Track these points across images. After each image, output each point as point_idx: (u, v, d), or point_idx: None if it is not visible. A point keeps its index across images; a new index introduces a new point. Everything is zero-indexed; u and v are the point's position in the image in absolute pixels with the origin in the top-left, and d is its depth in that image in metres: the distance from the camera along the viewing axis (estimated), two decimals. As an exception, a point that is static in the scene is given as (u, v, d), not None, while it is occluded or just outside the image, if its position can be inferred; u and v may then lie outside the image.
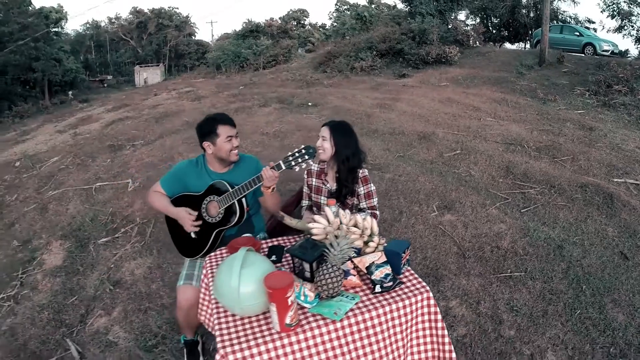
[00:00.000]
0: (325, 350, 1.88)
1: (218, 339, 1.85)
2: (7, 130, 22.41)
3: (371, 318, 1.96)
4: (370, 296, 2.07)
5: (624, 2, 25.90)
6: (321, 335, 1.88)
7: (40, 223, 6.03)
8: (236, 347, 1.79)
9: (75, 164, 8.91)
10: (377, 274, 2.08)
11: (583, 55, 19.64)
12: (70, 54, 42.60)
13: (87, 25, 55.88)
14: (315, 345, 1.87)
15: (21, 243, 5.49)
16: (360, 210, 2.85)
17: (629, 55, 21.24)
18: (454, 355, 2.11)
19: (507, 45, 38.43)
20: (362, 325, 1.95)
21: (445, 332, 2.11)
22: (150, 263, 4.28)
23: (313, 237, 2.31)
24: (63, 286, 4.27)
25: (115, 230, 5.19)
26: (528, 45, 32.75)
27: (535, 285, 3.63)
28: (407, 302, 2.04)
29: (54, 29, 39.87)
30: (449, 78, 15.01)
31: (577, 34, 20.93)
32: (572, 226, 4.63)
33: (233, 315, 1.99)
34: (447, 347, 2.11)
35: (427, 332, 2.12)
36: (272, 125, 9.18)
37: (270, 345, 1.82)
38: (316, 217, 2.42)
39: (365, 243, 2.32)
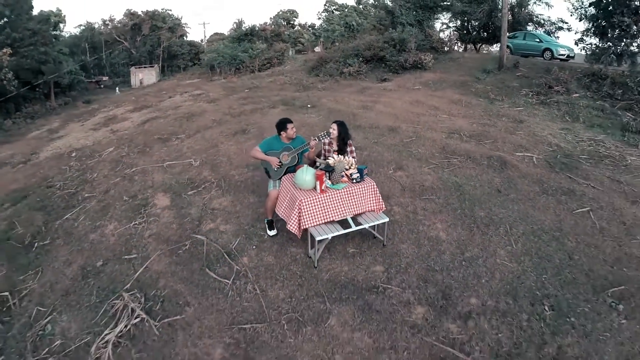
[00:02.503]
0: (335, 200, 5.38)
1: (297, 195, 5.30)
2: (28, 129, 25.43)
3: (351, 190, 5.48)
4: (351, 184, 5.57)
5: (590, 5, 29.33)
6: (333, 194, 5.39)
7: (136, 187, 9.34)
8: (304, 197, 5.27)
9: (135, 151, 12.18)
10: (354, 176, 5.57)
11: (543, 59, 23.16)
12: (69, 56, 45.50)
13: (82, 27, 58.69)
14: (331, 197, 5.37)
15: (129, 197, 8.83)
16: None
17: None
18: (383, 206, 5.62)
19: (486, 46, 41.94)
20: (348, 192, 5.45)
21: (380, 197, 5.63)
22: (231, 199, 7.71)
23: (329, 164, 5.76)
24: (177, 213, 7.65)
25: (197, 187, 8.59)
26: (504, 47, 35.99)
27: (439, 201, 7.17)
28: (364, 185, 5.56)
29: (54, 32, 42.65)
30: (422, 82, 18.52)
31: (538, 40, 24.40)
32: (472, 177, 8.16)
33: (301, 189, 5.46)
34: (381, 203, 5.63)
35: (372, 197, 5.64)
36: (281, 122, 12.63)
37: (316, 197, 5.31)
38: (330, 158, 5.89)
39: (349, 168, 5.79)
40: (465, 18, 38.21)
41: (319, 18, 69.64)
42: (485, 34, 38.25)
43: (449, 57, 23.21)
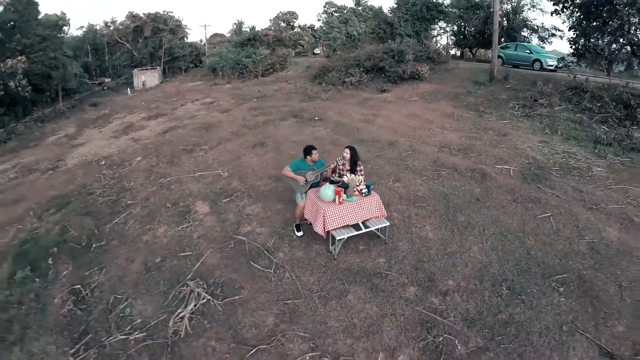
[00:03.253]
0: (349, 209, 7.42)
1: (322, 206, 7.32)
2: (43, 133, 27.07)
3: (361, 201, 7.52)
4: (361, 197, 7.60)
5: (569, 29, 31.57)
6: (348, 205, 7.44)
7: (175, 195, 11.28)
8: (327, 207, 7.30)
9: (164, 162, 14.12)
10: (363, 191, 7.62)
11: (533, 69, 25.14)
12: (72, 58, 47.34)
13: (84, 28, 60.54)
14: (347, 207, 7.41)
15: (172, 205, 10.79)
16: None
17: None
18: (385, 213, 7.66)
19: (485, 51, 44.00)
20: (358, 203, 7.49)
21: (382, 206, 7.68)
22: (262, 206, 9.72)
23: (344, 182, 7.76)
24: (217, 218, 9.63)
25: (229, 195, 10.57)
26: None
27: (429, 208, 9.20)
28: (371, 197, 7.62)
29: (59, 35, 44.46)
30: (418, 93, 20.54)
31: (528, 51, 26.38)
32: (456, 187, 10.18)
33: (323, 200, 7.48)
34: (383, 211, 7.68)
35: (377, 206, 7.68)
36: (295, 135, 14.64)
37: (335, 207, 7.36)
38: (344, 176, 7.90)
39: (359, 184, 7.80)
40: (462, 23, 40.34)
41: (319, 19, 71.50)
42: (481, 38, 40.32)
43: (444, 67, 25.25)
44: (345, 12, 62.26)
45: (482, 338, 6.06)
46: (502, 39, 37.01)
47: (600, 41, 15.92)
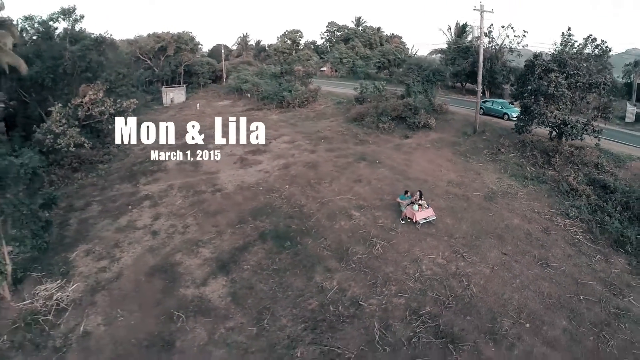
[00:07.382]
0: (422, 212, 27.55)
1: (413, 212, 27.34)
2: (149, 157, 44.52)
3: (426, 210, 27.69)
4: (426, 208, 27.74)
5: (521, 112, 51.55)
6: (421, 211, 27.56)
7: (336, 207, 30.16)
8: (416, 211, 27.30)
9: (308, 190, 33.27)
10: (426, 206, 27.71)
11: (502, 119, 45.01)
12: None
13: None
14: (421, 212, 27.55)
15: (338, 212, 30.14)
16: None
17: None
18: (434, 213, 27.88)
19: (470, 85, 64.33)
20: (425, 210, 27.66)
21: (433, 211, 27.89)
22: (382, 212, 29.10)
23: (420, 203, 27.67)
24: (365, 218, 29.03)
25: (363, 208, 29.87)
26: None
27: (445, 212, 29.11)
28: (429, 209, 27.77)
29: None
30: (429, 140, 40.54)
31: (500, 107, 46.45)
32: (456, 203, 30.02)
33: (414, 210, 27.55)
34: (433, 213, 27.89)
35: (431, 211, 27.80)
36: (373, 175, 34.27)
37: (419, 212, 27.43)
38: (419, 202, 27.87)
39: (424, 204, 27.78)
40: (457, 63, 60.27)
41: (322, 38, 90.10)
42: (471, 76, 60.01)
43: (444, 117, 45.31)
44: (346, 30, 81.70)
45: (460, 242, 25.88)
46: (485, 80, 57.16)
47: (531, 126, 36.21)
